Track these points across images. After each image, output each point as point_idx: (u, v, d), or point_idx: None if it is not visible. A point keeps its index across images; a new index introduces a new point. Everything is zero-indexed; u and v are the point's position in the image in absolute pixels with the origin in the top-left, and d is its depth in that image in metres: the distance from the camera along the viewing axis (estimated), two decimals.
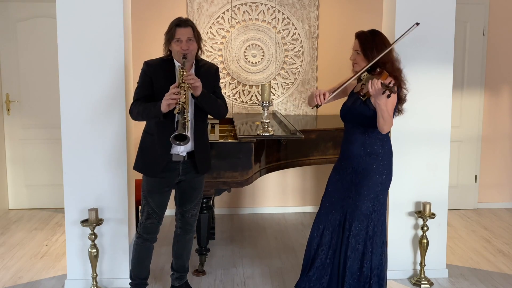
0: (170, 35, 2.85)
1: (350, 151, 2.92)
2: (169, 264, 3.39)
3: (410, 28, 2.88)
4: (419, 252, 3.50)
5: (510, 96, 5.18)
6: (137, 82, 2.96)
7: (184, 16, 4.82)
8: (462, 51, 5.03)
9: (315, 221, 3.03)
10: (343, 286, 2.89)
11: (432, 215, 3.43)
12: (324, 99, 2.79)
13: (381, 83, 2.60)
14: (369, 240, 2.88)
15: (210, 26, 4.85)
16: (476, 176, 5.24)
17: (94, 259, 3.25)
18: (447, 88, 3.46)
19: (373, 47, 2.80)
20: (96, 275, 3.29)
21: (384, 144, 2.89)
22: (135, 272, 3.08)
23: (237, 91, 4.95)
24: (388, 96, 2.59)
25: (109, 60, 3.22)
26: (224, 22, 4.86)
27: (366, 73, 2.79)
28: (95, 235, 3.23)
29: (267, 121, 3.72)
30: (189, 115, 2.85)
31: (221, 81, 4.94)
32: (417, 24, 2.89)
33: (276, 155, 3.78)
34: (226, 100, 4.95)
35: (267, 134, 3.60)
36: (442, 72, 3.43)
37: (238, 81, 4.95)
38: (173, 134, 2.67)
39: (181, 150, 2.89)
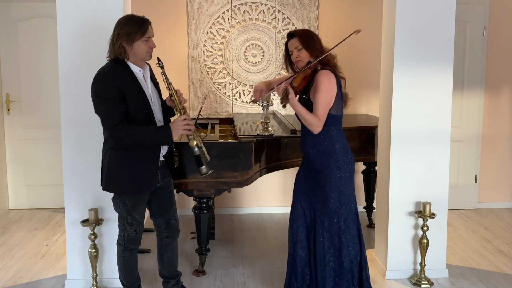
0: (139, 33, 2.63)
1: (305, 151, 2.99)
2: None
3: (350, 35, 2.90)
4: (419, 252, 3.50)
5: (510, 96, 5.18)
6: (100, 98, 2.63)
7: (185, 16, 4.83)
8: (462, 51, 5.02)
9: (289, 221, 3.07)
10: (319, 282, 2.93)
11: (432, 215, 3.43)
12: (261, 96, 3.00)
13: (285, 90, 2.73)
14: (343, 234, 2.92)
15: (210, 26, 4.85)
16: (476, 176, 5.24)
17: (94, 259, 3.25)
18: (447, 88, 3.46)
19: (313, 39, 2.88)
20: (96, 275, 3.29)
21: (333, 141, 2.90)
22: (128, 281, 3.02)
23: (237, 91, 4.95)
24: (283, 106, 2.83)
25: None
26: (224, 22, 4.86)
27: (300, 72, 2.87)
28: (95, 235, 3.23)
29: (267, 121, 3.72)
30: (161, 116, 2.82)
31: (221, 81, 4.94)
32: (357, 31, 2.92)
33: (276, 155, 3.78)
34: (226, 100, 4.95)
35: (267, 134, 3.60)
36: (442, 72, 3.43)
37: (238, 81, 4.95)
38: (202, 173, 2.76)
39: (161, 155, 2.84)
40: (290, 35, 2.91)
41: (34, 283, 3.51)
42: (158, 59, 2.76)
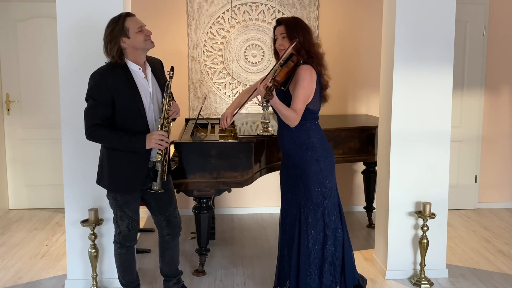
0: (126, 27, 2.63)
1: (283, 145, 2.99)
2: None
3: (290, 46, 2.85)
4: (419, 252, 3.50)
5: (510, 96, 5.18)
6: (90, 98, 2.68)
7: (185, 16, 4.84)
8: (462, 51, 5.03)
9: (280, 221, 3.09)
10: (299, 280, 2.93)
11: (432, 215, 3.43)
12: (227, 122, 2.90)
13: (267, 86, 2.67)
14: (327, 228, 2.92)
15: (210, 26, 4.85)
16: (476, 176, 5.24)
17: (94, 259, 3.25)
18: (447, 88, 3.46)
19: (298, 28, 2.85)
20: (96, 275, 3.29)
21: (311, 134, 2.91)
22: (127, 279, 3.03)
23: (237, 91, 4.95)
24: (267, 101, 2.75)
25: (109, 60, 3.21)
26: (224, 22, 4.86)
27: (278, 64, 2.83)
28: (95, 235, 3.23)
29: (267, 121, 3.72)
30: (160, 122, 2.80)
31: (221, 81, 4.94)
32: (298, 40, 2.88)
33: (276, 155, 3.78)
34: (226, 100, 4.95)
35: (267, 134, 3.60)
36: (442, 72, 3.43)
37: (238, 81, 4.95)
38: (151, 189, 2.75)
39: (153, 154, 2.81)
40: (278, 22, 2.90)
41: (34, 283, 3.51)
42: (172, 69, 2.79)
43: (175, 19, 4.85)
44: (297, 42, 2.80)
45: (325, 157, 2.93)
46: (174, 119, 2.91)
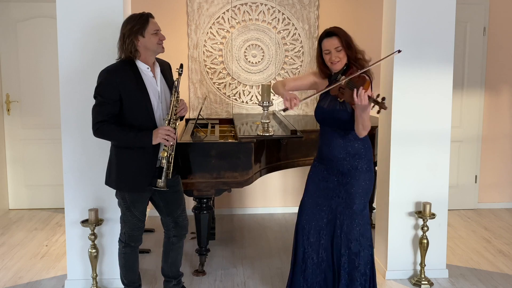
0: (138, 25, 2.68)
1: (333, 155, 2.88)
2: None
3: (391, 54, 2.86)
4: (419, 252, 3.50)
5: (510, 96, 5.18)
6: (98, 95, 2.72)
7: (185, 16, 4.84)
8: (462, 51, 5.03)
9: (299, 222, 3.00)
10: (339, 284, 2.89)
11: (432, 215, 3.43)
12: (295, 105, 2.73)
13: (369, 97, 2.54)
14: (361, 236, 2.88)
15: (210, 26, 4.85)
16: (476, 176, 5.24)
17: (94, 259, 3.25)
18: (447, 88, 3.46)
19: (351, 40, 2.80)
20: (96, 275, 3.29)
21: (364, 142, 2.87)
22: (129, 279, 3.04)
23: (237, 91, 4.95)
24: (378, 112, 2.56)
25: (109, 60, 3.22)
26: (224, 22, 4.86)
27: (343, 75, 2.72)
28: (95, 235, 3.23)
29: (267, 121, 3.72)
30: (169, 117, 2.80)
31: (221, 81, 4.94)
32: (399, 51, 2.89)
33: (276, 155, 3.78)
34: (226, 100, 4.95)
35: (267, 134, 3.59)
36: (442, 72, 3.43)
37: (238, 81, 4.95)
38: (156, 186, 2.73)
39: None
40: (330, 34, 2.78)
41: (34, 283, 3.51)
42: (181, 66, 2.81)
43: (175, 19, 4.85)
44: (353, 52, 2.74)
45: (372, 169, 2.89)
46: (182, 118, 2.91)
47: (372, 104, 2.54)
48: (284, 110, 2.75)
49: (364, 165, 2.86)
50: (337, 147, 2.86)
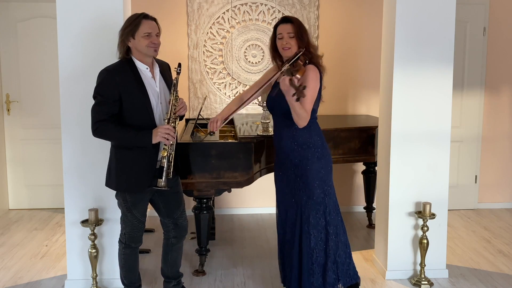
0: (130, 27, 2.69)
1: (282, 146, 2.95)
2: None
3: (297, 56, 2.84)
4: (419, 252, 3.50)
5: (510, 96, 5.18)
6: (97, 94, 2.72)
7: (185, 16, 4.84)
8: (462, 51, 5.03)
9: (277, 221, 3.07)
10: (302, 280, 2.92)
11: (432, 215, 3.43)
12: (216, 127, 2.94)
13: (289, 80, 2.59)
14: (329, 225, 2.92)
15: (210, 27, 4.85)
16: (476, 176, 5.24)
17: (94, 259, 3.25)
18: (447, 88, 3.46)
19: (304, 28, 2.86)
20: (96, 275, 3.29)
21: (311, 133, 2.90)
22: (129, 280, 3.04)
23: (237, 91, 4.95)
24: (297, 100, 2.60)
25: (110, 60, 3.22)
26: (224, 22, 4.86)
27: (287, 64, 2.78)
28: (95, 235, 3.23)
29: (267, 121, 3.72)
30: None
31: (221, 81, 4.95)
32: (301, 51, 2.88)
33: None
34: (226, 100, 4.95)
35: (267, 134, 3.59)
36: (442, 72, 3.43)
37: (238, 81, 4.95)
38: (156, 186, 2.72)
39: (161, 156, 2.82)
40: (286, 19, 2.87)
41: (34, 283, 3.51)
42: (179, 65, 2.81)
43: (175, 19, 4.85)
44: (304, 43, 2.81)
45: (325, 155, 2.93)
46: (181, 118, 2.91)
47: (294, 93, 2.57)
48: (210, 134, 2.98)
49: (316, 153, 2.89)
50: (285, 137, 2.92)
